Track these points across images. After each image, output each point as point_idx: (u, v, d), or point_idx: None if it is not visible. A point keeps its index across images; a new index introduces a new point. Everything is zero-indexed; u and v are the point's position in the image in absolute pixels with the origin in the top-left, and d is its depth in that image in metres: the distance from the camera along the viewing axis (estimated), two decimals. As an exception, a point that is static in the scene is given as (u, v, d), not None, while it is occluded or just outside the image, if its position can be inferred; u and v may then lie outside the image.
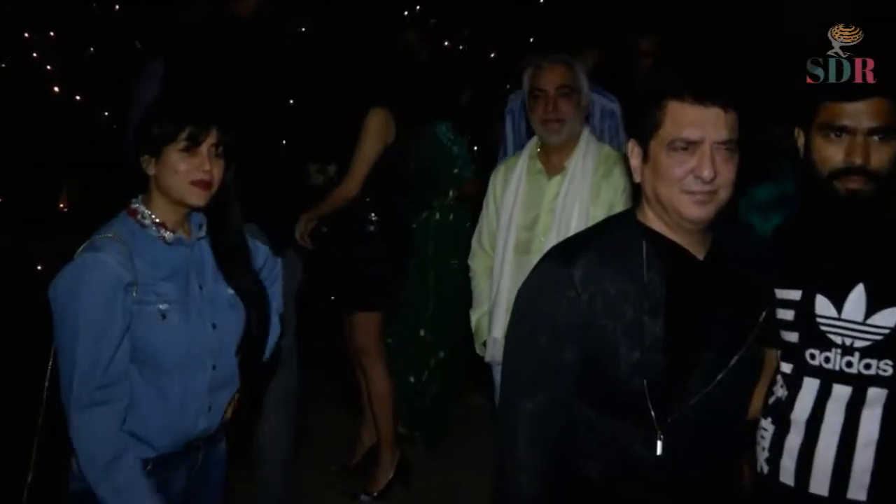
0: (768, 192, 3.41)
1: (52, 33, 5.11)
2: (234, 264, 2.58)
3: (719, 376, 2.01)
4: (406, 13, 6.79)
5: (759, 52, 5.05)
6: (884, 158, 2.10)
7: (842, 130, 2.12)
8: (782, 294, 2.24)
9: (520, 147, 4.93)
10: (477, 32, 7.17)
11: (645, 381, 1.96)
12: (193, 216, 2.52)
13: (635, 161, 2.05)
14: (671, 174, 1.95)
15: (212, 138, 2.41)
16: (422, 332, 4.82)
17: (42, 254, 4.89)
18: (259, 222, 3.41)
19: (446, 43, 7.09)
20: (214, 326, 2.48)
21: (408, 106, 4.29)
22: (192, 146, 2.39)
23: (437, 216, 4.78)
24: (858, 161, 2.10)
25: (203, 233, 2.54)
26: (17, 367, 3.94)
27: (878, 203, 2.14)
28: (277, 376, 3.65)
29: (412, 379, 4.85)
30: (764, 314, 2.13)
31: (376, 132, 4.19)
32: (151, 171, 2.42)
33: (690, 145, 1.93)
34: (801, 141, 2.24)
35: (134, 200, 2.47)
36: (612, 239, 2.05)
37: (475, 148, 5.71)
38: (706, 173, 1.92)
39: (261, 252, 2.73)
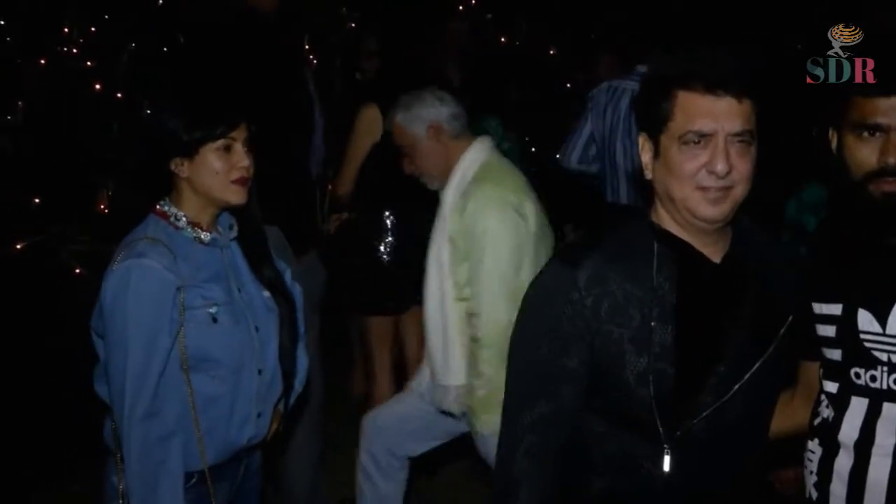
0: (819, 192, 3.27)
1: (92, 28, 5.00)
2: (264, 265, 2.54)
3: (734, 389, 1.91)
4: (461, 6, 6.66)
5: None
6: None
7: (875, 129, 1.96)
8: (821, 309, 2.10)
9: (601, 143, 4.74)
10: (534, 28, 7.03)
11: (652, 392, 1.86)
12: (222, 217, 2.47)
13: (646, 157, 1.93)
14: (683, 170, 1.83)
15: (244, 132, 2.38)
16: None
17: (80, 256, 4.83)
18: (280, 224, 3.27)
19: (502, 38, 6.93)
20: (257, 329, 2.44)
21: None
22: (228, 143, 2.34)
23: None
24: (893, 161, 1.93)
25: (235, 233, 2.49)
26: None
27: None
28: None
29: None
30: (787, 323, 2.00)
31: (362, 130, 4.14)
32: (184, 173, 2.36)
33: (703, 138, 1.81)
34: (834, 142, 2.09)
35: (162, 203, 2.41)
36: (621, 239, 1.94)
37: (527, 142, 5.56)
38: (720, 167, 1.80)
39: (287, 273, 2.66)
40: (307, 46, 5.69)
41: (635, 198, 4.64)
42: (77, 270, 4.86)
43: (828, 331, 2.09)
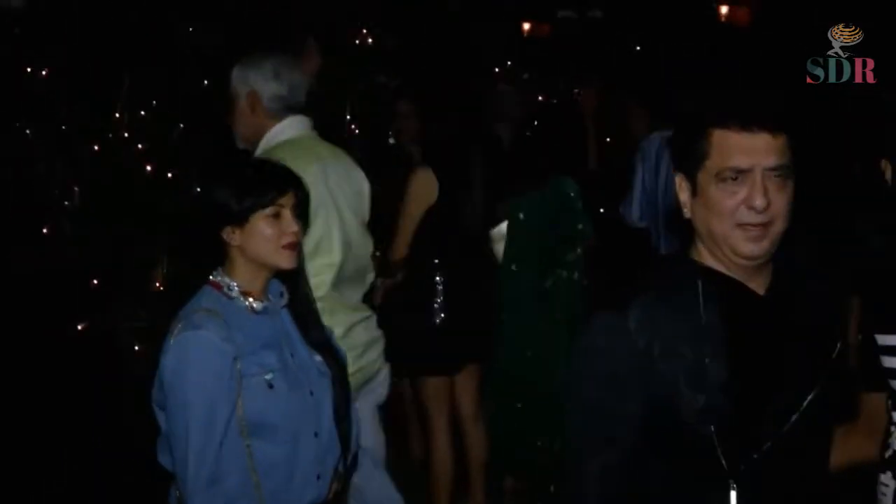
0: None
1: (142, 112, 5.14)
2: (314, 331, 2.59)
3: (792, 419, 1.89)
4: (496, 69, 6.76)
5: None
6: None
7: None
8: (885, 340, 2.10)
9: (648, 198, 4.72)
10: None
11: (713, 428, 1.84)
12: (272, 285, 2.52)
13: (684, 196, 1.94)
14: (723, 207, 1.84)
15: (291, 198, 2.44)
16: (529, 353, 4.62)
17: (139, 333, 4.90)
18: None
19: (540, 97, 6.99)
20: (312, 393, 2.49)
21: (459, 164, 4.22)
22: (277, 210, 2.40)
23: (576, 275, 4.66)
24: None
25: (285, 301, 2.54)
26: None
27: None
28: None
29: (539, 443, 4.64)
30: (837, 350, 1.97)
31: (418, 194, 4.17)
32: (236, 241, 2.42)
33: (740, 174, 1.82)
34: (888, 173, 2.11)
35: (215, 273, 2.48)
36: (666, 280, 1.94)
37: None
38: (759, 203, 1.80)
39: (334, 337, 2.73)
40: (348, 116, 5.81)
41: None
42: (136, 347, 4.95)
43: (893, 362, 2.08)
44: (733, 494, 1.87)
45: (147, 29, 5.12)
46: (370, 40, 6.68)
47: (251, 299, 2.45)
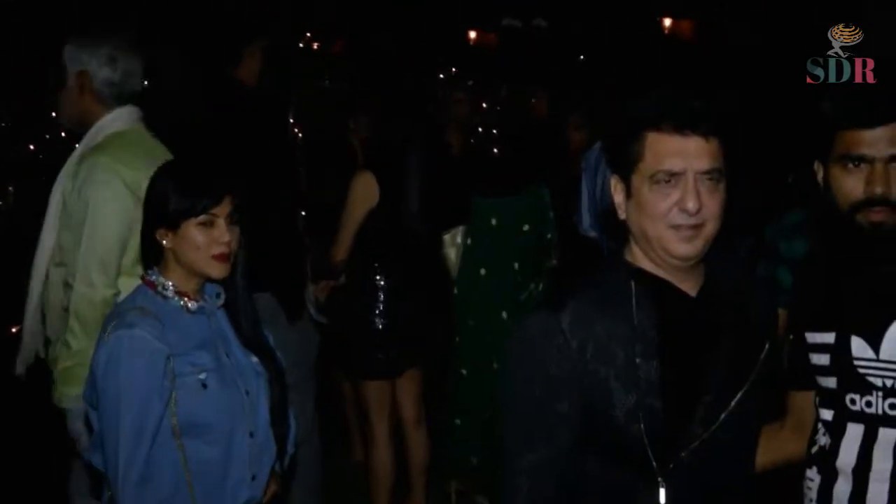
0: (797, 216, 3.30)
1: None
2: (250, 332, 2.56)
3: (721, 418, 1.93)
4: (441, 75, 6.80)
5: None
6: None
7: (860, 160, 2.02)
8: (814, 338, 2.14)
9: (595, 206, 4.76)
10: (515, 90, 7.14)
11: (643, 427, 1.88)
12: (208, 285, 2.51)
13: (619, 198, 1.97)
14: (656, 209, 1.88)
15: (227, 207, 2.40)
16: (495, 365, 4.57)
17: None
18: (273, 291, 3.29)
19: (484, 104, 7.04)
20: (247, 393, 2.47)
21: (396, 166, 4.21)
22: (210, 219, 2.37)
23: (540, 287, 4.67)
24: (879, 191, 1.99)
25: (222, 301, 2.53)
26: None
27: None
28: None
29: (487, 415, 4.61)
30: (766, 350, 2.03)
31: (358, 196, 4.17)
32: (168, 244, 2.40)
33: (673, 177, 1.86)
34: (820, 175, 2.15)
35: (150, 272, 2.46)
36: (600, 281, 1.98)
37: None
38: (691, 205, 1.84)
39: (271, 338, 2.68)
40: (292, 119, 5.80)
41: None
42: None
43: (822, 359, 2.11)
44: (662, 492, 1.90)
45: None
46: (315, 45, 6.69)
47: (186, 299, 2.43)
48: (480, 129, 5.70)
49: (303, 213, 4.54)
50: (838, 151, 2.04)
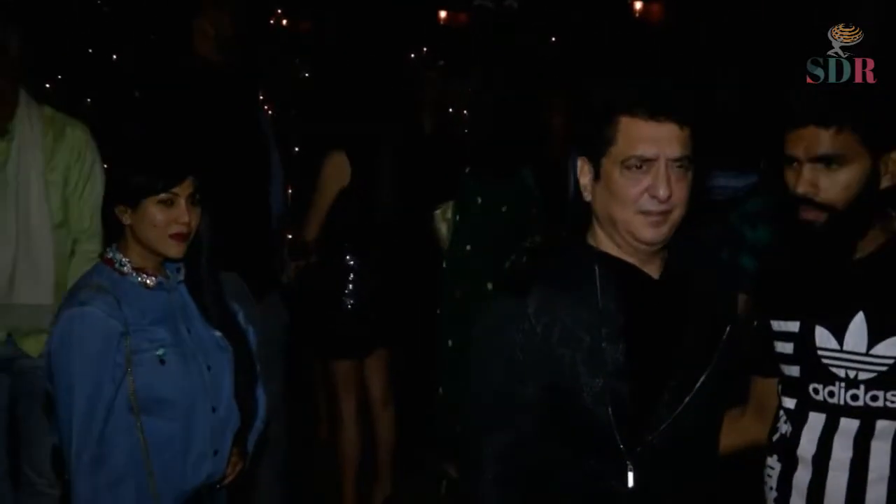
0: (758, 203, 3.39)
1: (46, 85, 5.02)
2: (214, 307, 2.55)
3: (686, 400, 1.94)
4: (412, 55, 6.77)
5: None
6: (831, 188, 2.00)
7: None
8: (779, 326, 2.16)
9: None
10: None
11: (610, 411, 1.89)
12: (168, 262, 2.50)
13: (585, 179, 1.97)
14: (626, 194, 1.88)
15: (188, 188, 2.39)
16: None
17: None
18: (239, 269, 3.29)
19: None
20: (209, 368, 2.46)
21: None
22: (170, 198, 2.35)
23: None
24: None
25: (181, 276, 2.52)
26: None
27: (838, 234, 2.03)
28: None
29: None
30: (727, 332, 2.03)
31: (330, 176, 4.18)
32: (127, 220, 2.39)
33: (645, 163, 1.86)
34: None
35: (108, 249, 2.46)
36: (563, 265, 1.97)
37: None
38: (662, 192, 1.85)
39: (240, 314, 2.67)
40: (262, 97, 5.76)
41: None
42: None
43: (786, 347, 2.14)
44: (630, 476, 1.91)
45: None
46: (284, 22, 6.63)
47: (144, 275, 2.42)
48: (451, 110, 5.69)
49: (289, 191, 4.51)
50: (785, 149, 2.08)
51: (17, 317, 3.33)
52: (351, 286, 4.23)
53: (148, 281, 2.42)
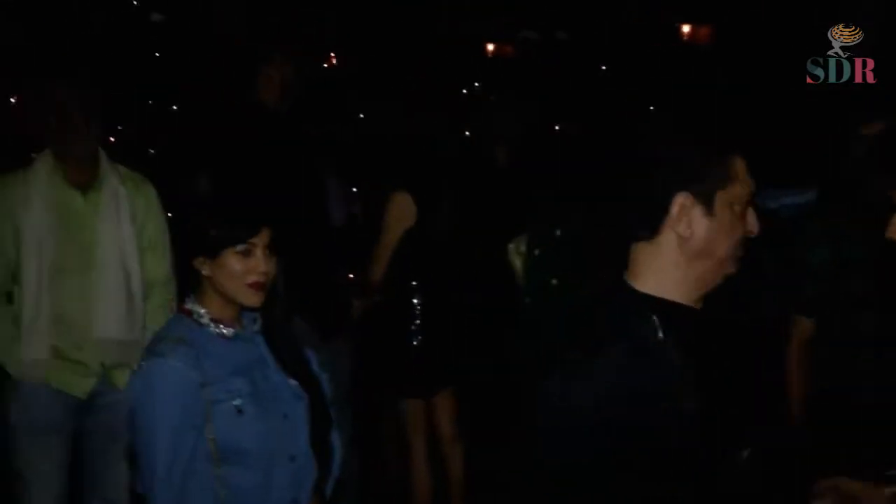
0: (816, 227, 3.38)
1: (111, 139, 5.12)
2: (289, 356, 2.57)
3: (747, 433, 1.93)
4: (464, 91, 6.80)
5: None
6: None
7: None
8: None
9: None
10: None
11: (692, 459, 1.84)
12: (246, 311, 2.53)
13: (687, 215, 1.87)
14: (734, 233, 1.88)
15: (265, 237, 2.42)
16: None
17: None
18: (304, 313, 3.31)
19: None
20: (286, 417, 2.48)
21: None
22: (248, 248, 2.38)
23: None
24: None
25: (258, 327, 2.54)
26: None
27: None
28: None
29: None
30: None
31: (396, 217, 4.19)
32: (206, 271, 2.42)
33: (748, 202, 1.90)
34: None
35: (187, 299, 2.49)
36: (625, 321, 1.88)
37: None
38: (756, 228, 1.89)
39: (313, 361, 2.71)
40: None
41: None
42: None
43: None
44: None
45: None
46: (335, 62, 6.70)
47: (222, 326, 2.44)
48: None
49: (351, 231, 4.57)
50: None
51: (112, 351, 3.49)
52: (417, 324, 4.22)
53: (225, 332, 2.45)
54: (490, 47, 9.38)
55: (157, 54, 5.53)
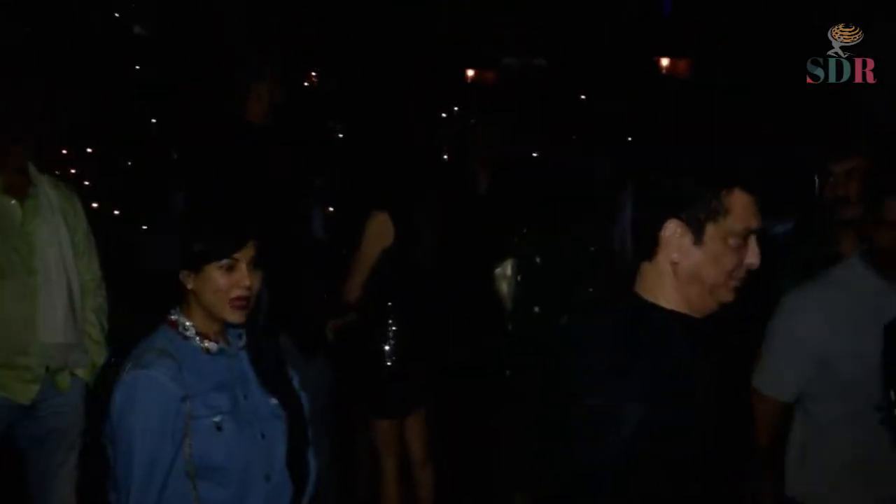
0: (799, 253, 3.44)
1: (88, 149, 5.09)
2: (271, 374, 2.55)
3: (747, 432, 2.09)
4: (443, 114, 6.82)
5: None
6: None
7: None
8: None
9: None
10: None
11: (703, 459, 1.93)
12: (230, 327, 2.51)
13: (676, 240, 1.97)
14: (729, 262, 1.94)
15: (250, 252, 2.40)
16: None
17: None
18: (287, 330, 3.30)
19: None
20: (263, 436, 2.45)
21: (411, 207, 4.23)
22: (232, 263, 2.37)
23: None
24: None
25: (243, 342, 2.52)
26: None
27: None
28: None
29: None
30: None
31: (374, 236, 4.17)
32: (190, 285, 2.40)
33: (750, 235, 1.94)
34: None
35: (173, 311, 2.45)
36: (645, 333, 1.97)
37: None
38: (758, 261, 1.93)
39: (295, 380, 2.68)
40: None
41: None
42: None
43: None
44: None
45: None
46: (314, 82, 6.71)
47: (207, 340, 2.43)
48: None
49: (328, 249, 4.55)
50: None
51: (57, 355, 3.51)
52: (392, 347, 4.21)
53: (210, 346, 2.43)
54: (470, 73, 9.44)
55: (138, 67, 5.51)
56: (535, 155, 5.05)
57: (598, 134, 6.40)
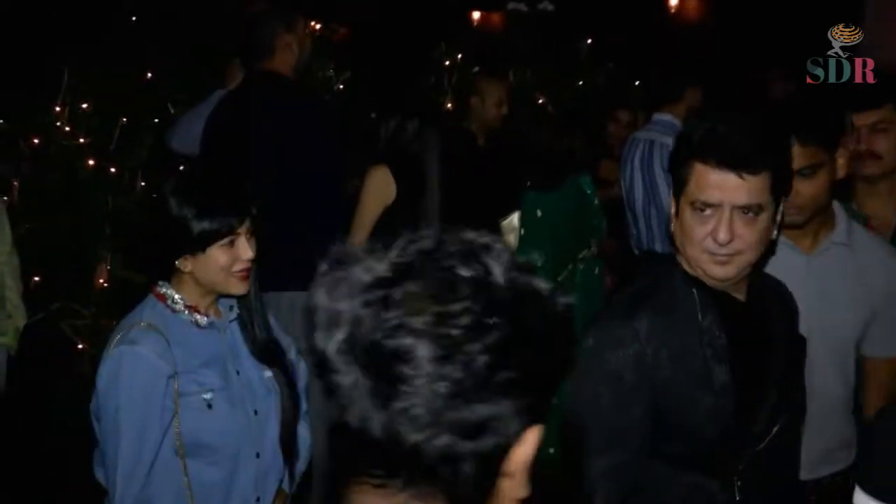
0: None
1: (83, 105, 5.00)
2: (264, 345, 2.47)
3: (783, 417, 2.04)
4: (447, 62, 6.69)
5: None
6: None
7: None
8: None
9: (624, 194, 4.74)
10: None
11: (719, 427, 1.97)
12: (222, 299, 2.43)
13: (671, 212, 2.05)
14: (693, 233, 1.96)
15: (248, 222, 2.33)
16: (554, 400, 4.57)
17: (80, 331, 4.79)
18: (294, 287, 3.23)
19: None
20: (256, 413, 2.39)
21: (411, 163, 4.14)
22: (233, 239, 2.29)
23: (581, 268, 4.72)
24: None
25: (234, 314, 2.44)
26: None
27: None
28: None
29: (551, 451, 4.55)
30: (801, 348, 2.14)
31: (374, 191, 4.09)
32: (188, 268, 2.31)
33: (709, 207, 1.92)
34: None
35: (162, 283, 2.37)
36: (667, 289, 2.03)
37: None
38: (722, 236, 1.91)
39: (292, 349, 2.60)
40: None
41: (656, 244, 4.66)
42: (79, 346, 4.83)
43: None
44: (737, 489, 1.99)
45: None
46: (317, 29, 6.59)
47: (197, 314, 2.35)
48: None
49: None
50: None
51: None
52: None
53: (199, 320, 2.35)
54: (476, 15, 9.26)
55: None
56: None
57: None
